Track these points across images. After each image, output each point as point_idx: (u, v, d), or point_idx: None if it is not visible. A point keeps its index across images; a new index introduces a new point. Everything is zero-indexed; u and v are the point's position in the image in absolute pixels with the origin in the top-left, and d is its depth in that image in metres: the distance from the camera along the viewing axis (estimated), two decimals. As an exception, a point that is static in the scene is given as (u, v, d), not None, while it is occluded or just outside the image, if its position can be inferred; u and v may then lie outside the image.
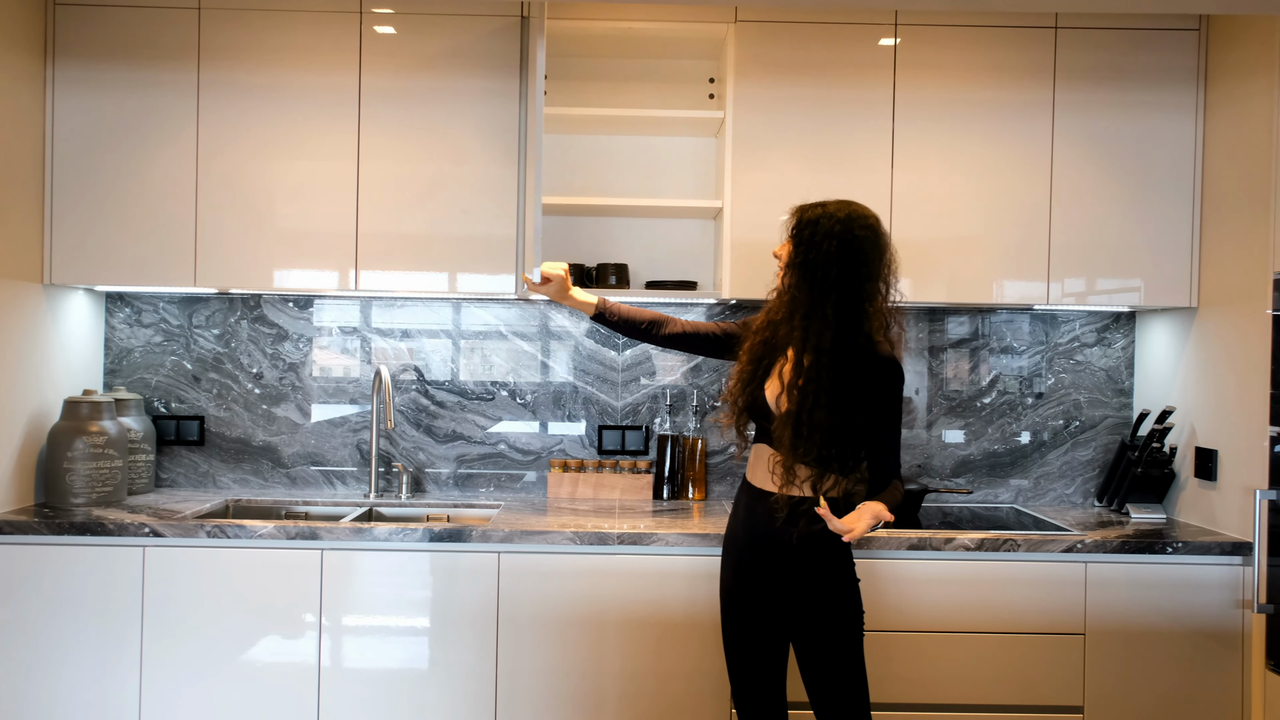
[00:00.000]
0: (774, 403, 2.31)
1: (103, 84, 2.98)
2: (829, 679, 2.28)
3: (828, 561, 2.28)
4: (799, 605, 2.30)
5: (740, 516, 2.40)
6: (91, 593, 2.73)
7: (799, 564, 2.28)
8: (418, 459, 3.37)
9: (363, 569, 2.74)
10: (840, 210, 2.26)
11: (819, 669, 2.29)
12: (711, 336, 2.53)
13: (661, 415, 3.37)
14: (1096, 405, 3.39)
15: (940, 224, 3.02)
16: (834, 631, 2.27)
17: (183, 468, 3.35)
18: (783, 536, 2.28)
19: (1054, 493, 3.39)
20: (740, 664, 2.39)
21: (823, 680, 2.29)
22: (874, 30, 3.02)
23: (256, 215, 3.00)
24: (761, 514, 2.33)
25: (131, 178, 2.98)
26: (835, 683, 2.27)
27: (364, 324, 3.38)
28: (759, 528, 2.33)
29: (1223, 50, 2.96)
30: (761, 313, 2.39)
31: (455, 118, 3.00)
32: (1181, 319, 3.13)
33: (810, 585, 2.28)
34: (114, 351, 3.34)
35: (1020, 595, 2.75)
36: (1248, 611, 2.75)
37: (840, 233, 2.22)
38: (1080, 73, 3.03)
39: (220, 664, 2.73)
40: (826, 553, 2.28)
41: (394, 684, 2.74)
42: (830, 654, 2.27)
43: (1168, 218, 3.04)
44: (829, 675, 2.28)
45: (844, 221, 2.23)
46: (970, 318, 3.39)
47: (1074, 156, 3.03)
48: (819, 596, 2.28)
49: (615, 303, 2.55)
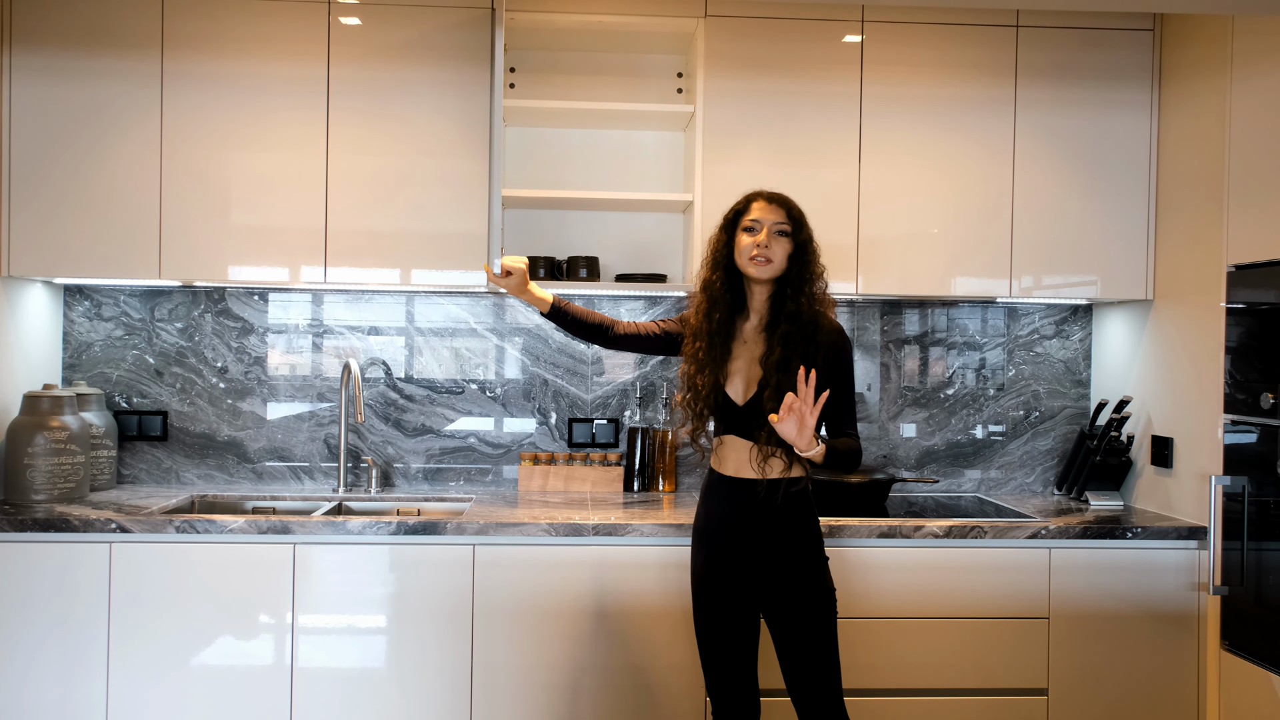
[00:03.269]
0: (738, 395, 2.35)
1: (62, 72, 2.92)
2: (803, 657, 2.32)
3: (799, 539, 2.33)
4: (772, 584, 2.34)
5: (713, 507, 2.42)
6: (56, 591, 2.68)
7: (772, 544, 2.33)
8: (386, 453, 3.35)
9: (336, 563, 2.72)
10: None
11: (793, 647, 2.33)
12: (655, 337, 2.57)
13: (631, 408, 3.39)
14: (1055, 396, 3.48)
15: (905, 218, 3.08)
16: (807, 607, 2.32)
17: (145, 463, 3.30)
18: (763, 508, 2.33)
19: (1015, 482, 3.47)
20: (714, 651, 2.42)
21: (797, 658, 2.33)
22: (840, 27, 3.06)
23: (222, 207, 2.96)
24: (736, 501, 2.36)
25: (92, 168, 2.93)
26: (809, 660, 2.31)
27: (332, 317, 3.35)
28: (732, 515, 2.37)
29: (1176, 50, 3.05)
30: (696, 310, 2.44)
31: (424, 110, 2.99)
32: (1138, 311, 3.22)
33: (783, 563, 2.33)
34: (73, 345, 3.27)
35: (987, 581, 2.81)
36: (1203, 593, 2.84)
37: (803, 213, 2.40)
38: (1040, 71, 3.10)
39: (190, 661, 2.70)
40: (799, 530, 2.33)
41: (368, 678, 2.73)
42: (804, 630, 2.32)
43: (1124, 213, 3.12)
44: (803, 653, 2.32)
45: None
46: (933, 311, 3.46)
47: (1035, 152, 3.11)
48: (791, 573, 2.32)
49: (568, 302, 2.57)
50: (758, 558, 2.35)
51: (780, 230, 2.35)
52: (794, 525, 2.34)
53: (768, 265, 2.34)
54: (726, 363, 2.39)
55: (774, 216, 2.36)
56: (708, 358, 2.38)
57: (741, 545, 2.36)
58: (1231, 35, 2.78)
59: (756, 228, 2.35)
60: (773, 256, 2.34)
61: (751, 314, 2.42)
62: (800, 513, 2.34)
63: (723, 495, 2.40)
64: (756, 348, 2.39)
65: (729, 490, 2.38)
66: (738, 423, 2.37)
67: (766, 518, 2.34)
